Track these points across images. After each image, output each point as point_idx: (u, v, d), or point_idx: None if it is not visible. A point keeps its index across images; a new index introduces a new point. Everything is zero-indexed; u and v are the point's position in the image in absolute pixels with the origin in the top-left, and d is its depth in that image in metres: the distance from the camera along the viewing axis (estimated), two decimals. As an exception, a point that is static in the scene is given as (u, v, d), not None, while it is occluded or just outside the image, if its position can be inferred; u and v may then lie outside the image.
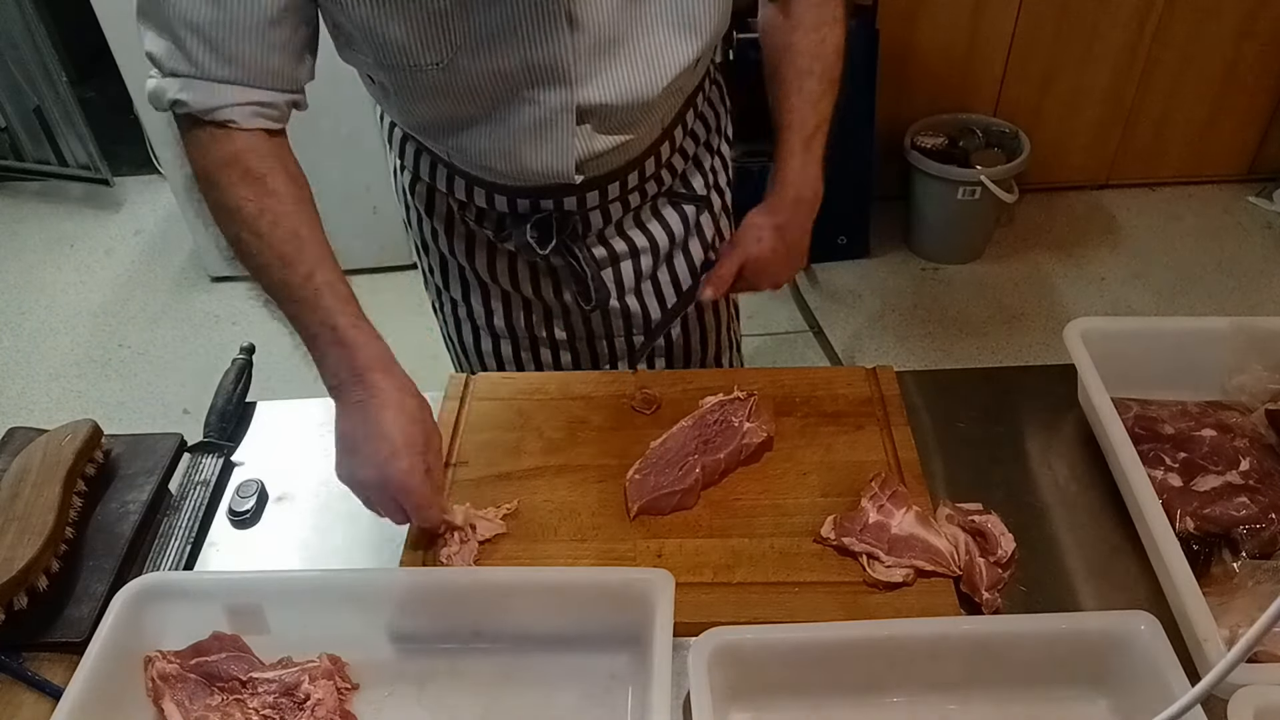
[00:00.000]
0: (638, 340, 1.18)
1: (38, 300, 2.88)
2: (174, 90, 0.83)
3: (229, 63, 0.82)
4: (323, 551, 0.93)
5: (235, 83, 0.83)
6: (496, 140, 0.93)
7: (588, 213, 1.05)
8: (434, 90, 0.89)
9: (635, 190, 1.06)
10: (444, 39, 0.83)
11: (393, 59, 0.85)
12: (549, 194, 1.02)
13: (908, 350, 2.55)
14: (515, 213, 1.04)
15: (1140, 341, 1.02)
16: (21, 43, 2.85)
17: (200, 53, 0.81)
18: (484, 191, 1.04)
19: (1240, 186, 3.02)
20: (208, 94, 0.82)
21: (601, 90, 0.90)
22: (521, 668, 0.81)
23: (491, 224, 1.08)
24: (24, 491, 0.89)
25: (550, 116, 0.91)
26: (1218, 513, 0.87)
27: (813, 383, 1.05)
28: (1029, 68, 2.74)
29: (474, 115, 0.92)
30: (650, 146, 1.04)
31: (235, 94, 0.83)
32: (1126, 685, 0.75)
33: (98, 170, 3.15)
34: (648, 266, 1.13)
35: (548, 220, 1.04)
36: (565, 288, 1.12)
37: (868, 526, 0.87)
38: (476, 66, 0.86)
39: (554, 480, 0.96)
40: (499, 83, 0.88)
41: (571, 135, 0.93)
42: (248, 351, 1.11)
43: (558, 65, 0.87)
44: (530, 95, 0.89)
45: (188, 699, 0.78)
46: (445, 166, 1.05)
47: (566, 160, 0.95)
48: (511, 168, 0.96)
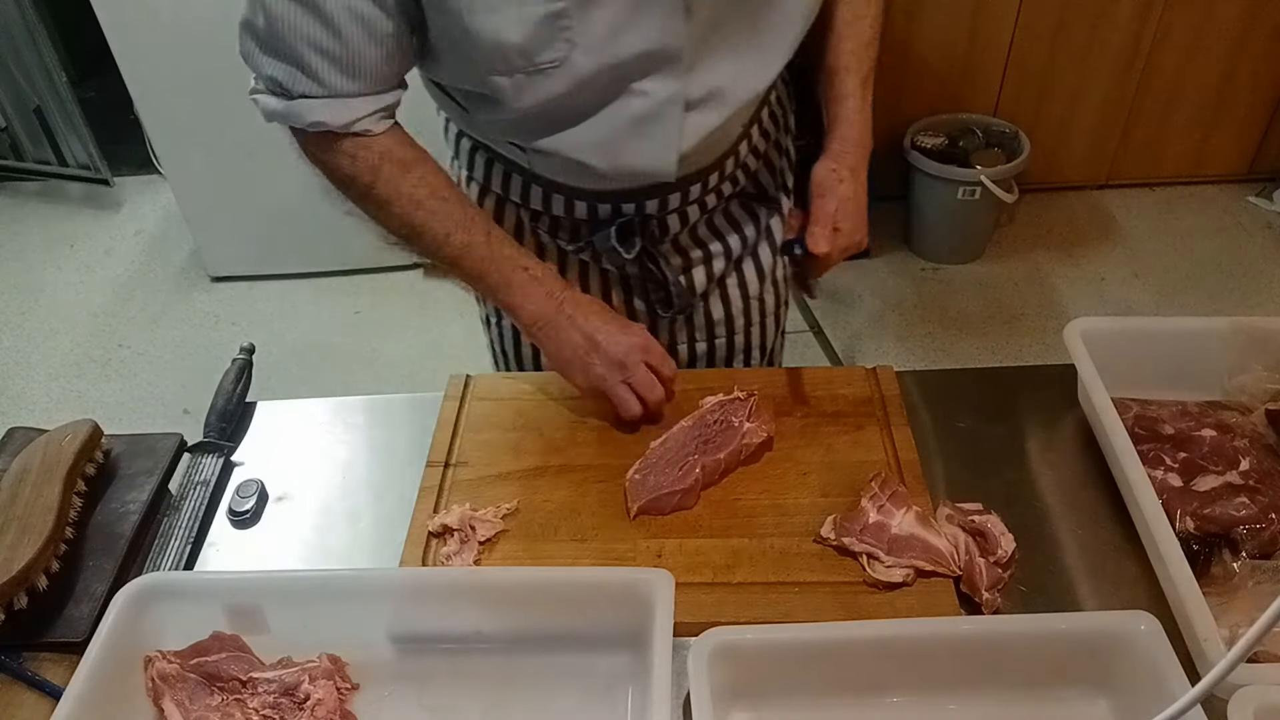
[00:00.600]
0: (700, 348, 1.18)
1: (38, 300, 2.88)
2: (312, 113, 0.87)
3: (356, 78, 0.86)
4: (323, 551, 0.94)
5: (363, 94, 0.88)
6: (597, 136, 0.93)
7: (666, 216, 1.05)
8: (542, 91, 0.87)
9: (713, 191, 1.06)
10: (561, 37, 0.83)
11: (507, 64, 0.85)
12: (632, 197, 1.01)
13: (908, 350, 2.55)
14: (596, 219, 1.04)
15: (1140, 341, 1.02)
16: (21, 43, 2.84)
17: (329, 74, 0.85)
18: (563, 199, 1.03)
19: (1240, 186, 3.02)
20: (344, 111, 0.88)
21: (713, 78, 0.91)
22: (521, 668, 0.81)
23: (566, 232, 1.07)
24: (24, 491, 0.89)
25: (657, 109, 0.91)
26: (1218, 513, 0.87)
27: (813, 383, 1.05)
28: (1029, 68, 2.73)
29: (578, 113, 0.91)
30: (732, 146, 1.03)
31: (366, 105, 0.89)
32: (1126, 685, 0.75)
33: (98, 170, 3.15)
34: (719, 271, 1.13)
35: (630, 224, 1.03)
36: (638, 296, 1.12)
37: (868, 526, 0.87)
38: (591, 62, 0.85)
39: (554, 480, 0.96)
40: (611, 76, 0.87)
41: (677, 128, 0.92)
42: (248, 351, 1.10)
43: (672, 56, 0.87)
44: (640, 88, 0.89)
45: (188, 699, 0.78)
46: (521, 175, 1.04)
47: (669, 154, 0.94)
48: (611, 165, 0.95)
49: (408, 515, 0.93)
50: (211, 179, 2.64)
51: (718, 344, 1.19)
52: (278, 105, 0.89)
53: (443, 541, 0.90)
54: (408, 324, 2.71)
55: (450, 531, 0.90)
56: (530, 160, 1.00)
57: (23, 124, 3.07)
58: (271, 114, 0.90)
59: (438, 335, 2.66)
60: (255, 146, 2.56)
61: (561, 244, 1.09)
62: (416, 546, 0.90)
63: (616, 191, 1.01)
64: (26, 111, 3.03)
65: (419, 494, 0.95)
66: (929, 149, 2.65)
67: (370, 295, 2.80)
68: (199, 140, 2.57)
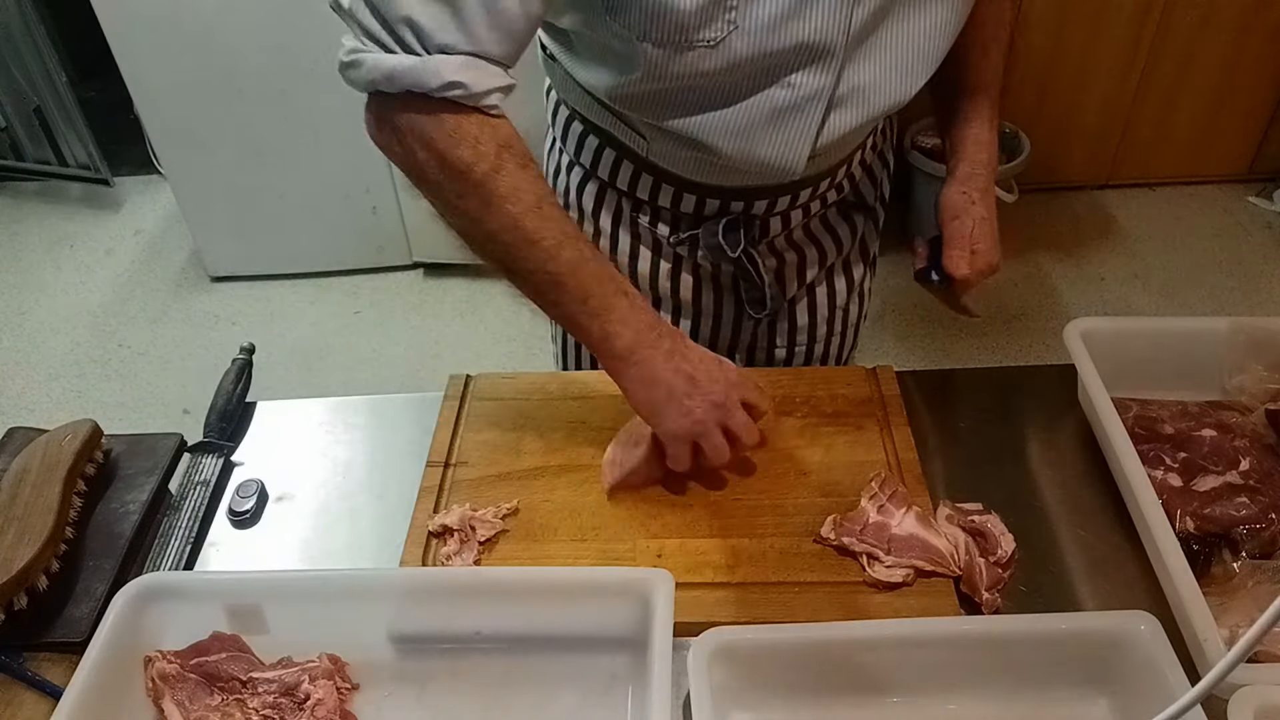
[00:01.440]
0: (780, 353, 1.17)
1: (38, 300, 2.88)
2: (451, 71, 0.74)
3: (503, 39, 0.76)
4: (323, 551, 0.93)
5: (501, 63, 0.78)
6: (734, 123, 0.88)
7: (770, 217, 1.03)
8: (692, 69, 0.83)
9: (819, 196, 1.04)
10: (725, 17, 0.78)
11: (665, 34, 0.79)
12: (742, 195, 1.00)
13: (908, 350, 2.55)
14: (702, 214, 1.02)
15: (1140, 341, 1.02)
16: (21, 43, 2.84)
17: (480, 26, 0.74)
18: (673, 190, 1.01)
19: (1240, 186, 3.02)
20: (483, 76, 0.76)
21: (858, 80, 0.87)
22: (521, 668, 0.81)
23: (668, 224, 1.05)
24: (24, 492, 0.89)
25: (801, 103, 0.86)
26: (1218, 513, 0.87)
27: (813, 383, 1.05)
28: (1029, 68, 2.73)
29: (721, 96, 0.87)
30: (853, 150, 1.02)
31: (499, 77, 0.78)
32: (1126, 685, 0.75)
33: (98, 170, 3.15)
34: (811, 277, 1.12)
35: (736, 221, 1.01)
36: (729, 294, 1.11)
37: (868, 526, 0.87)
38: (748, 47, 0.81)
39: (554, 480, 0.96)
40: (765, 65, 0.83)
41: (816, 125, 0.88)
42: (248, 351, 1.10)
43: (829, 51, 0.83)
44: (789, 80, 0.85)
45: (188, 699, 0.78)
46: (632, 162, 1.01)
47: (802, 150, 0.90)
48: (740, 152, 0.90)
49: (408, 515, 0.93)
50: (211, 179, 2.64)
51: (798, 351, 1.19)
52: (401, 64, 0.74)
53: (443, 541, 0.90)
54: (408, 324, 2.71)
55: (450, 531, 0.90)
56: (649, 147, 0.97)
57: (23, 124, 3.07)
58: (390, 76, 0.75)
59: (438, 335, 2.66)
60: (255, 146, 2.56)
61: (661, 235, 1.06)
62: (416, 546, 0.90)
63: (728, 188, 0.99)
64: (26, 111, 3.02)
65: (419, 494, 0.95)
66: (929, 149, 2.65)
67: (370, 295, 2.80)
68: (199, 140, 2.56)
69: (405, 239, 2.77)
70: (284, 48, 2.36)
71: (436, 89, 0.75)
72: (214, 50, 2.40)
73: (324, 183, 2.60)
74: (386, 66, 0.75)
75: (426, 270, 2.84)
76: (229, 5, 2.33)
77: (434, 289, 2.79)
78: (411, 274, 2.85)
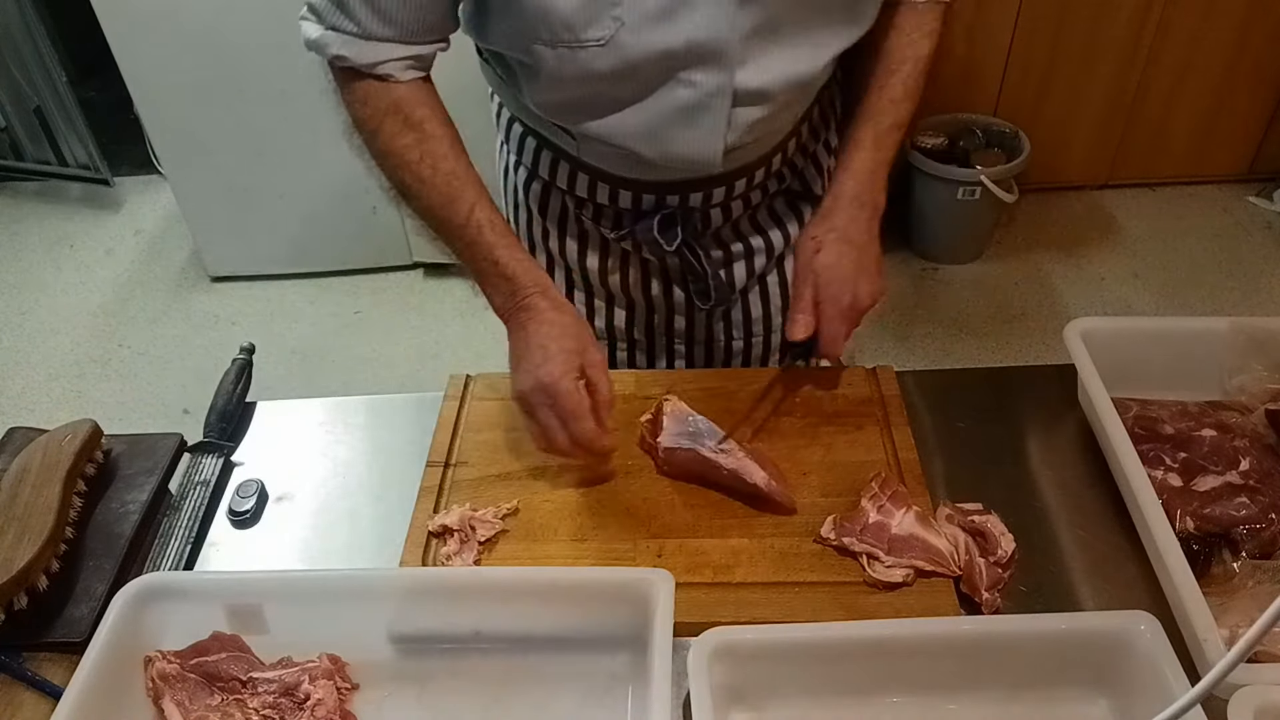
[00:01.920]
0: (737, 345, 1.18)
1: (38, 300, 2.88)
2: (336, 46, 0.88)
3: (389, 24, 0.86)
4: (323, 551, 0.94)
5: (394, 40, 0.87)
6: (645, 123, 0.92)
7: (710, 209, 1.05)
8: (588, 69, 0.86)
9: (758, 187, 1.05)
10: (610, 14, 0.82)
11: (554, 34, 0.84)
12: (676, 189, 1.01)
13: (908, 350, 2.55)
14: (639, 209, 1.04)
15: (1140, 341, 1.02)
16: (21, 43, 2.84)
17: (363, 13, 0.85)
18: (608, 187, 1.03)
19: (1240, 186, 3.02)
20: (369, 51, 0.87)
21: (761, 73, 0.89)
22: (521, 668, 0.81)
23: (610, 221, 1.07)
24: (24, 492, 0.89)
25: (705, 100, 0.89)
26: (1218, 513, 0.87)
27: (813, 383, 1.05)
28: (1029, 68, 2.73)
29: (625, 97, 0.91)
30: (780, 143, 1.03)
31: (393, 50, 0.88)
32: (1126, 685, 0.75)
33: (98, 170, 3.15)
34: (760, 267, 1.13)
35: (672, 216, 1.03)
36: (678, 288, 1.12)
37: (868, 526, 0.87)
38: (639, 44, 0.84)
39: (554, 480, 0.96)
40: (658, 63, 0.87)
41: (724, 120, 0.91)
42: (248, 351, 1.10)
43: (721, 45, 0.86)
44: (688, 77, 0.88)
45: (188, 699, 0.78)
46: (568, 162, 1.04)
47: (715, 145, 0.93)
48: (657, 153, 0.94)
49: (408, 515, 0.93)
50: (211, 179, 2.64)
51: (755, 341, 1.19)
52: (313, 32, 0.89)
53: (443, 542, 0.90)
54: (408, 324, 2.71)
55: (450, 531, 0.90)
56: (579, 148, 1.00)
57: (23, 124, 3.07)
58: (308, 41, 0.90)
59: (438, 335, 2.66)
60: (255, 146, 2.56)
61: (605, 232, 1.08)
62: (416, 546, 0.90)
63: (661, 183, 1.01)
64: (26, 111, 3.02)
65: (419, 494, 0.95)
66: (929, 149, 2.65)
67: (370, 295, 2.80)
68: (199, 140, 2.56)
69: (405, 239, 2.77)
70: (284, 48, 2.34)
71: (330, 59, 0.89)
72: (214, 50, 2.40)
73: (324, 183, 2.59)
74: (308, 34, 0.90)
75: (426, 270, 2.84)
76: (229, 5, 2.32)
77: (434, 289, 2.79)
78: (411, 274, 2.85)
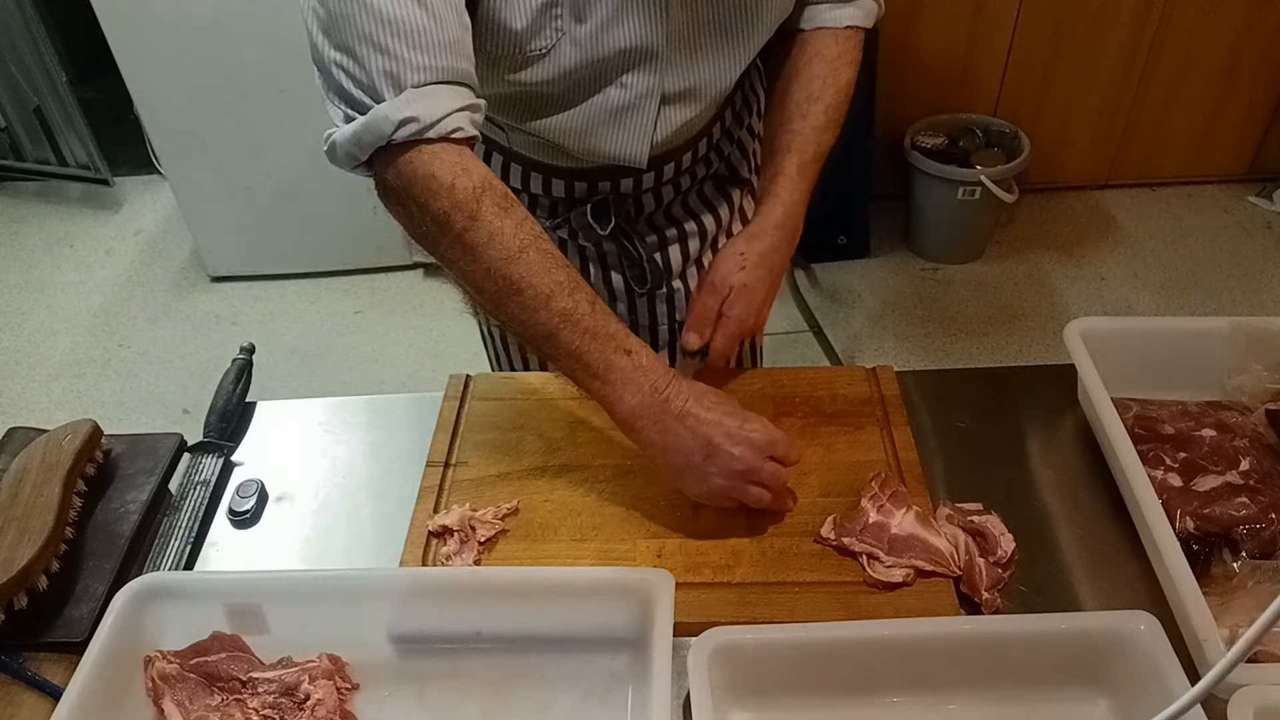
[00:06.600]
0: (678, 328, 1.19)
1: (38, 300, 2.88)
2: (398, 110, 0.75)
3: (439, 52, 0.76)
4: (323, 551, 0.94)
5: (449, 81, 0.77)
6: (575, 123, 0.95)
7: (642, 195, 1.07)
8: (526, 75, 0.89)
9: (687, 172, 1.08)
10: (552, 26, 0.86)
11: (500, 47, 0.86)
12: (607, 176, 1.04)
13: (908, 350, 2.55)
14: (572, 197, 1.06)
15: (1140, 341, 1.02)
16: (21, 43, 2.84)
17: (410, 53, 0.75)
18: (541, 177, 1.05)
19: (1240, 186, 3.02)
20: (433, 102, 0.76)
21: (687, 76, 0.94)
22: (521, 668, 0.81)
23: (544, 210, 1.09)
24: (24, 492, 0.89)
25: (635, 101, 0.94)
26: (1218, 513, 0.87)
27: (813, 383, 1.05)
28: (1029, 68, 2.73)
29: (559, 99, 0.93)
30: (704, 128, 1.06)
31: (454, 97, 0.78)
32: (1126, 685, 0.75)
33: (98, 170, 3.15)
34: (695, 250, 1.15)
35: (605, 202, 1.05)
36: (615, 273, 1.14)
37: (868, 526, 0.87)
38: (578, 54, 0.88)
39: (554, 480, 0.96)
40: (593, 69, 0.90)
41: (652, 120, 0.95)
42: (248, 351, 1.10)
43: (651, 52, 0.90)
44: (620, 80, 0.92)
45: (188, 699, 0.78)
46: (501, 153, 1.06)
47: (643, 144, 0.97)
48: (586, 150, 0.98)
49: (408, 515, 0.93)
50: (211, 179, 2.64)
51: None
52: (358, 124, 0.77)
53: (443, 541, 0.90)
54: (408, 324, 2.71)
55: (450, 531, 0.90)
56: (509, 139, 1.03)
57: (23, 124, 3.07)
58: (356, 140, 0.77)
59: (438, 335, 2.66)
60: (255, 146, 2.56)
61: (541, 220, 1.09)
62: (416, 546, 0.90)
63: (592, 170, 1.03)
64: (26, 111, 3.02)
65: (419, 494, 0.95)
66: (929, 149, 2.65)
67: (370, 295, 2.80)
68: (199, 140, 2.57)
69: (405, 239, 2.77)
70: (284, 48, 2.36)
71: (394, 133, 0.76)
72: (214, 50, 2.40)
73: (324, 183, 2.59)
74: (349, 133, 0.77)
75: (426, 270, 2.84)
76: (229, 5, 2.33)
77: (434, 289, 2.79)
78: (411, 274, 2.85)
